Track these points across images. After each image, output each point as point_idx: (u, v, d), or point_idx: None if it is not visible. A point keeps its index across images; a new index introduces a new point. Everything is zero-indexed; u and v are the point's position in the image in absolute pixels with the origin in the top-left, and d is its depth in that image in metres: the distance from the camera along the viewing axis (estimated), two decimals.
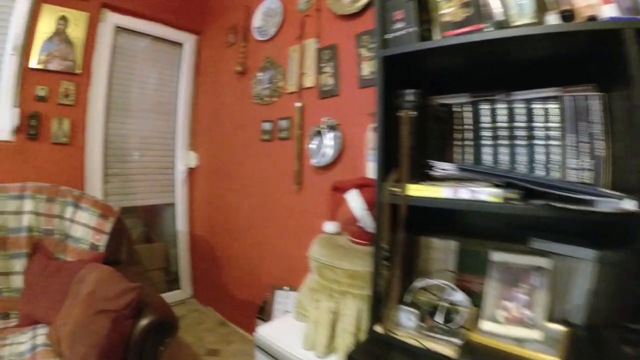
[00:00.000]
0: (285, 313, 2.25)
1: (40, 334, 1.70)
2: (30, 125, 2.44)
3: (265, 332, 1.72)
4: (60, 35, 2.54)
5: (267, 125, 2.65)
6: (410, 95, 1.26)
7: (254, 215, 2.79)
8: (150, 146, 3.27)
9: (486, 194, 1.07)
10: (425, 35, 1.25)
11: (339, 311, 1.49)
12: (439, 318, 1.22)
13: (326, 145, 2.18)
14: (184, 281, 3.50)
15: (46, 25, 2.48)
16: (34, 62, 2.45)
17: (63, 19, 2.55)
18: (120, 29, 2.97)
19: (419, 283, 1.33)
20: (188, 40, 3.42)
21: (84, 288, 1.66)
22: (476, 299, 1.28)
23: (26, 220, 2.01)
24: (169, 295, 3.28)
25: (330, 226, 1.86)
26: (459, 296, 1.27)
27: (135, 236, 3.18)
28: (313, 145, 2.28)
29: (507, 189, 1.05)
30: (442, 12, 1.21)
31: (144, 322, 1.57)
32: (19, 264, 1.94)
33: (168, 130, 3.39)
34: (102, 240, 2.10)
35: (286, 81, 2.51)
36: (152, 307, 1.64)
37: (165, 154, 3.39)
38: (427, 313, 1.25)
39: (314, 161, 2.25)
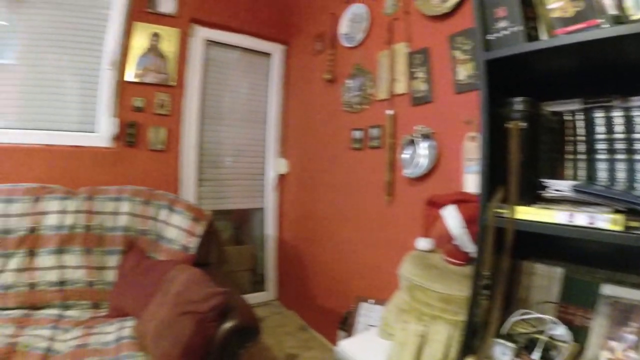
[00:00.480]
0: (368, 327, 2.17)
1: (127, 326, 1.79)
2: (129, 134, 2.64)
3: (347, 347, 1.66)
4: (154, 50, 2.73)
5: (357, 134, 2.59)
6: (519, 103, 1.12)
7: (343, 224, 2.75)
8: (242, 153, 3.38)
9: (605, 220, 0.91)
10: (531, 35, 1.10)
11: (428, 336, 1.38)
12: (536, 355, 1.08)
13: (420, 155, 2.06)
14: (270, 283, 3.56)
15: (140, 42, 2.68)
16: (130, 76, 2.65)
17: (155, 35, 2.73)
18: (210, 42, 3.12)
19: (519, 316, 1.19)
20: (276, 51, 3.49)
21: (173, 288, 1.72)
22: (578, 334, 1.11)
23: (123, 220, 2.16)
24: (254, 296, 3.37)
25: (423, 243, 1.74)
26: (560, 330, 1.12)
27: (225, 238, 3.32)
28: (406, 155, 2.16)
29: (630, 215, 0.89)
30: (549, 7, 1.06)
31: (227, 325, 1.58)
32: (112, 260, 2.09)
33: (259, 138, 3.49)
34: (193, 243, 2.18)
35: (376, 88, 2.42)
36: (236, 311, 1.65)
37: (257, 161, 3.48)
38: (522, 347, 1.11)
39: (406, 172, 2.13)
